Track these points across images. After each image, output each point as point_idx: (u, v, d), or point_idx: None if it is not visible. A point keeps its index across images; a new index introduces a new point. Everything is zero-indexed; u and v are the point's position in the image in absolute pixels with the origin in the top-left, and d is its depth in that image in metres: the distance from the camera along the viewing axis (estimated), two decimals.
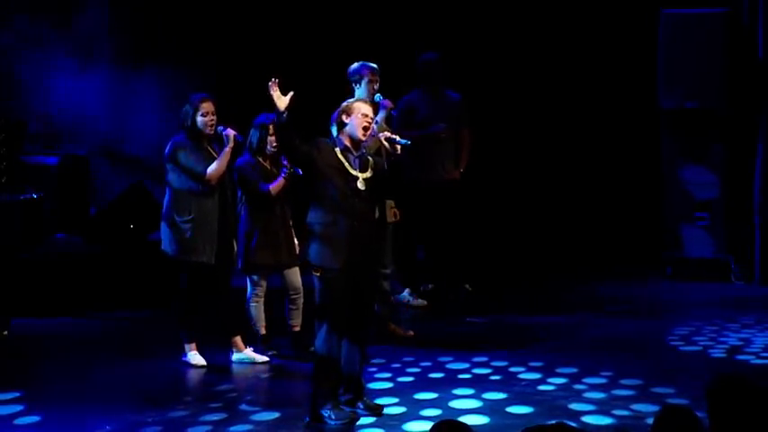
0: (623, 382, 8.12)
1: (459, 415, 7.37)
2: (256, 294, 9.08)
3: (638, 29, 12.06)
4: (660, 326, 9.97)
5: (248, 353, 8.97)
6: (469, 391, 7.98)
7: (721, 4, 11.70)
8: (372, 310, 7.75)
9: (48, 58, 12.11)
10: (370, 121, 7.54)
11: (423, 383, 8.27)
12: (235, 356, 8.98)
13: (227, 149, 8.74)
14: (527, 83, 12.82)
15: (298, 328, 9.11)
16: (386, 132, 7.80)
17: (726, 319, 10.06)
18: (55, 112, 12.16)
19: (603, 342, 9.42)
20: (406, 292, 10.92)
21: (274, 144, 8.87)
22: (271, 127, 8.92)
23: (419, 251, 11.21)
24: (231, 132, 8.77)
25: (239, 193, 9.04)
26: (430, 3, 12.73)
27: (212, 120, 8.76)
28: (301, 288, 9.04)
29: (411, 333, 9.77)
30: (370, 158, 7.56)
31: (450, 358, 8.86)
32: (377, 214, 9.14)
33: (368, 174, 7.47)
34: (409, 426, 7.34)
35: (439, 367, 8.65)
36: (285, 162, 8.89)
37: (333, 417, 7.38)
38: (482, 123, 11.72)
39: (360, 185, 7.43)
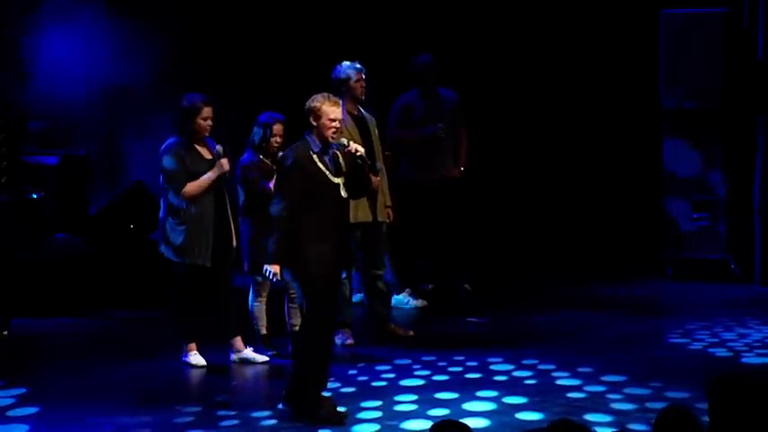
0: (637, 390, 7.96)
1: (464, 416, 7.33)
2: (259, 294, 9.09)
3: (638, 29, 12.06)
4: (662, 326, 9.97)
5: (248, 353, 8.97)
6: (492, 394, 7.92)
7: (721, 4, 11.70)
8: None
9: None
10: (338, 126, 7.54)
11: (454, 383, 8.24)
12: (235, 356, 8.99)
13: (213, 175, 8.72)
14: (528, 83, 12.82)
15: (298, 328, 9.11)
16: (353, 146, 7.65)
17: (726, 319, 10.05)
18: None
19: (624, 344, 9.35)
20: (406, 292, 10.91)
21: (278, 141, 8.94)
22: (275, 127, 8.97)
23: (419, 251, 11.20)
24: (225, 166, 8.74)
25: (242, 193, 9.05)
26: (432, 2, 12.73)
27: (210, 125, 8.78)
28: None
29: (411, 333, 9.77)
30: (338, 153, 7.54)
31: (500, 359, 8.82)
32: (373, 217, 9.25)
33: (342, 178, 7.50)
34: (407, 424, 7.33)
35: (483, 368, 8.60)
36: None
37: (324, 415, 7.40)
38: (483, 124, 11.73)
39: (343, 193, 7.49)
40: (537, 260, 12.53)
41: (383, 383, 8.28)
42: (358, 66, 9.37)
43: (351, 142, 7.65)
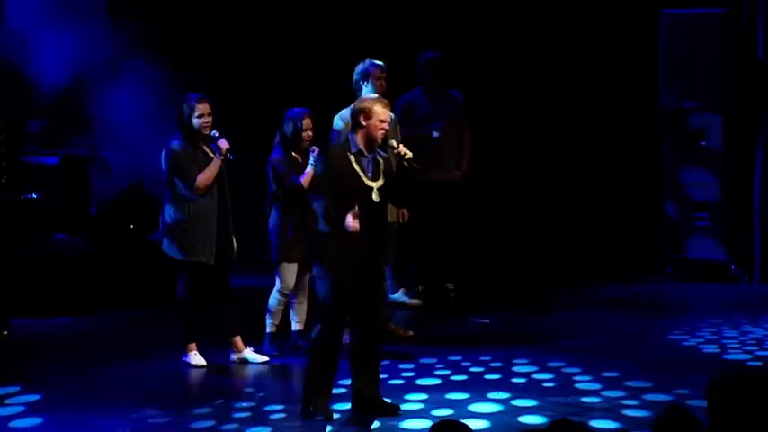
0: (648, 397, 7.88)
1: (467, 417, 7.30)
2: (281, 292, 9.08)
3: (638, 29, 12.06)
4: (663, 326, 9.94)
5: (248, 353, 8.97)
6: (503, 396, 7.88)
7: (721, 4, 11.70)
8: (381, 309, 7.69)
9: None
10: (387, 128, 7.46)
11: (470, 384, 8.21)
12: (235, 356, 8.99)
13: (217, 161, 8.75)
14: (527, 83, 12.80)
15: (301, 326, 9.14)
16: (403, 149, 7.58)
17: (726, 320, 10.05)
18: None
19: (632, 348, 9.29)
20: (400, 292, 10.88)
21: (309, 135, 8.93)
22: (303, 122, 8.96)
23: (412, 251, 11.17)
24: (224, 145, 8.77)
25: (271, 189, 9.06)
26: (430, 3, 12.73)
27: (208, 121, 8.78)
28: (307, 285, 9.08)
29: (411, 333, 9.77)
30: (380, 160, 7.46)
31: (526, 360, 8.78)
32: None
33: (381, 182, 7.40)
34: (407, 424, 7.34)
35: (505, 369, 8.56)
36: (313, 153, 8.87)
37: (314, 409, 7.42)
38: (482, 124, 11.71)
39: (374, 197, 7.38)
40: (537, 260, 12.51)
41: (400, 381, 8.27)
42: (378, 62, 9.31)
43: (401, 145, 7.55)
